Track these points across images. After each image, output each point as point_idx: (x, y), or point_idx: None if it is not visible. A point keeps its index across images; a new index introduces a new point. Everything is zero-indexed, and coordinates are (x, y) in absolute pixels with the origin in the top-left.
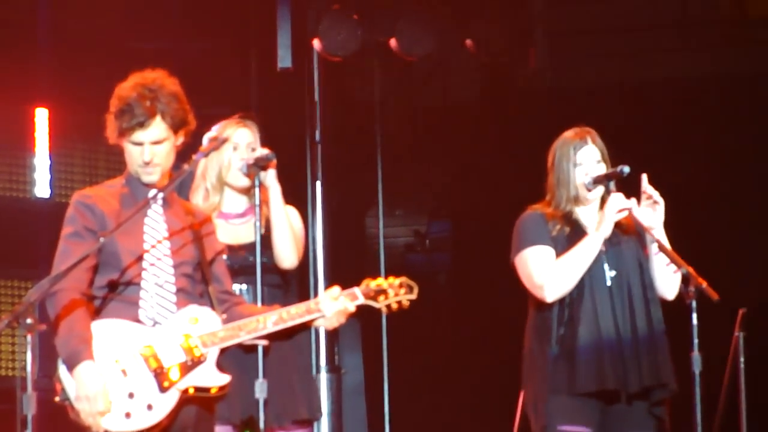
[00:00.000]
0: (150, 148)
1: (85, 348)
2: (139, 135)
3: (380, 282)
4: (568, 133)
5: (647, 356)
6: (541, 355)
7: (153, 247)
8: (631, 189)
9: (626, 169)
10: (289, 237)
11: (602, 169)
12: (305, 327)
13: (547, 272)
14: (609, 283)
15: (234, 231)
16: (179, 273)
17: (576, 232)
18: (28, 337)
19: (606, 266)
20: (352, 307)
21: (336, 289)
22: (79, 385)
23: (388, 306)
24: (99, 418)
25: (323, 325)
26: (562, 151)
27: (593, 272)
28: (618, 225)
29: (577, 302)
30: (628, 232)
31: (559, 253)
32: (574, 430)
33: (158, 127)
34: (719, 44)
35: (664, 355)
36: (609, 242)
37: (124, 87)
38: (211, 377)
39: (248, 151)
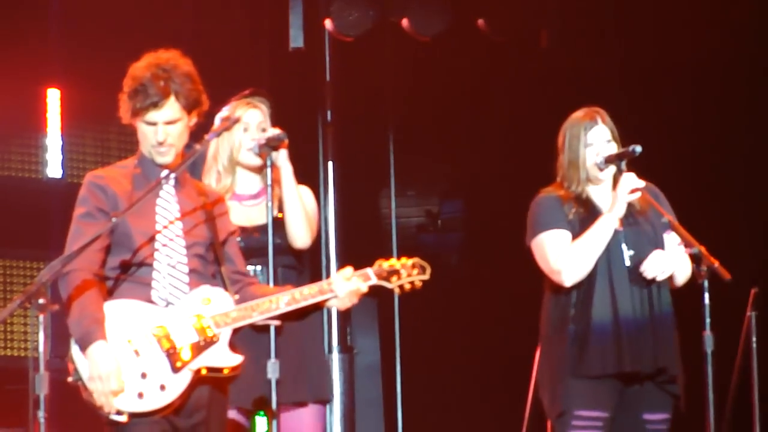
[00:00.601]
0: (164, 128)
1: (97, 328)
2: (153, 115)
3: (393, 262)
4: (578, 114)
5: (660, 337)
6: (558, 339)
7: (165, 227)
8: (643, 168)
9: (638, 148)
10: (302, 217)
11: (613, 148)
12: (318, 307)
13: (564, 256)
14: (628, 263)
15: (248, 212)
16: (191, 253)
17: (591, 214)
18: (41, 318)
19: (624, 246)
20: (364, 288)
21: (349, 270)
22: (91, 365)
23: (401, 286)
24: (112, 398)
25: (336, 306)
26: (572, 131)
27: (612, 252)
28: (633, 204)
29: (595, 283)
30: (644, 212)
31: (575, 236)
32: (591, 415)
33: (172, 108)
34: (731, 25)
35: (673, 336)
36: (626, 222)
37: (137, 67)
38: (224, 358)
39: (259, 132)
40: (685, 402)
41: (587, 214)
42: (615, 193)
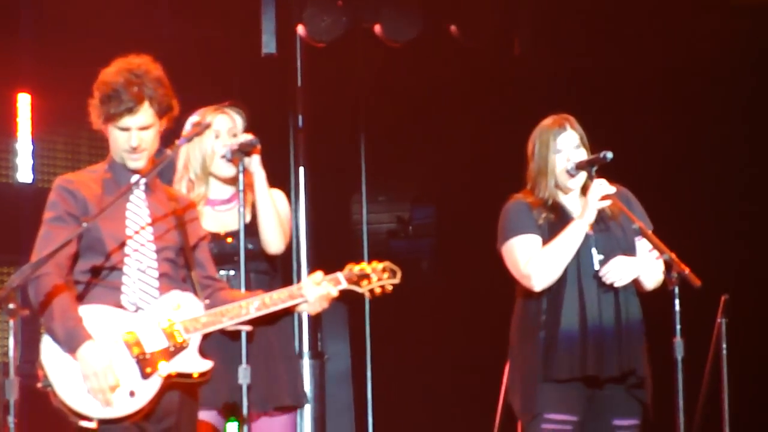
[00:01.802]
0: (137, 133)
1: (82, 329)
2: (126, 121)
3: (363, 266)
4: (546, 121)
5: (626, 341)
6: (528, 344)
7: (136, 232)
8: (614, 174)
9: (609, 154)
10: (276, 222)
11: (582, 154)
12: (288, 312)
13: (534, 261)
14: (597, 267)
15: (220, 218)
16: (162, 258)
17: (561, 219)
18: (11, 323)
19: (594, 250)
20: (335, 292)
21: (319, 274)
22: (83, 364)
23: (371, 291)
24: (110, 394)
25: (306, 311)
26: (541, 139)
27: (582, 257)
28: (605, 209)
29: (565, 288)
30: (615, 217)
31: (545, 241)
32: (561, 418)
33: (146, 113)
34: (702, 31)
35: (641, 341)
36: (597, 227)
37: (109, 72)
38: (194, 363)
39: (230, 138)
40: (653, 409)
41: (557, 219)
42: (586, 199)
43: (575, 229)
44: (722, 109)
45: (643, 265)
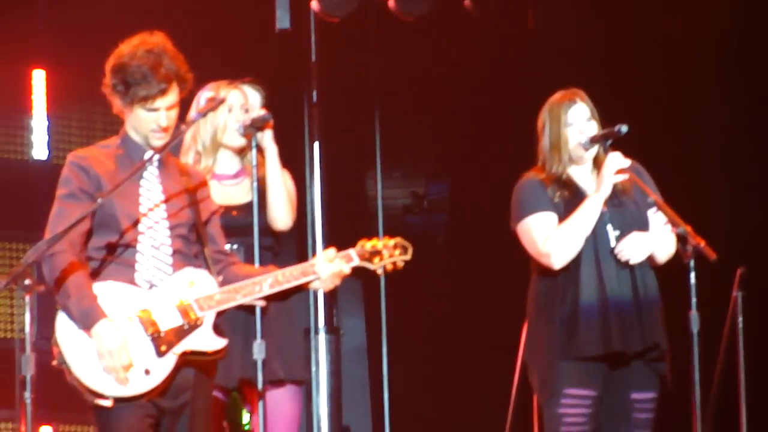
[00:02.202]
0: (165, 113)
1: (98, 306)
2: (158, 102)
3: (375, 243)
4: (556, 96)
5: (647, 316)
6: (546, 321)
7: (150, 210)
8: (628, 147)
9: (624, 128)
10: (285, 199)
11: (593, 127)
12: (300, 289)
13: (553, 240)
14: (613, 243)
15: (226, 192)
16: (175, 235)
17: (576, 196)
18: (27, 298)
19: (609, 226)
20: (347, 269)
21: (331, 251)
22: (98, 342)
23: (383, 267)
24: (123, 373)
25: (319, 288)
26: (551, 113)
27: (597, 233)
28: (618, 184)
29: (582, 265)
30: (628, 191)
31: (561, 219)
32: (580, 393)
33: (174, 93)
34: (723, 4)
35: (659, 315)
36: (611, 202)
37: (130, 54)
38: (208, 341)
39: (242, 113)
40: (671, 381)
41: (572, 196)
42: (601, 174)
43: (592, 205)
44: (737, 79)
45: (656, 239)
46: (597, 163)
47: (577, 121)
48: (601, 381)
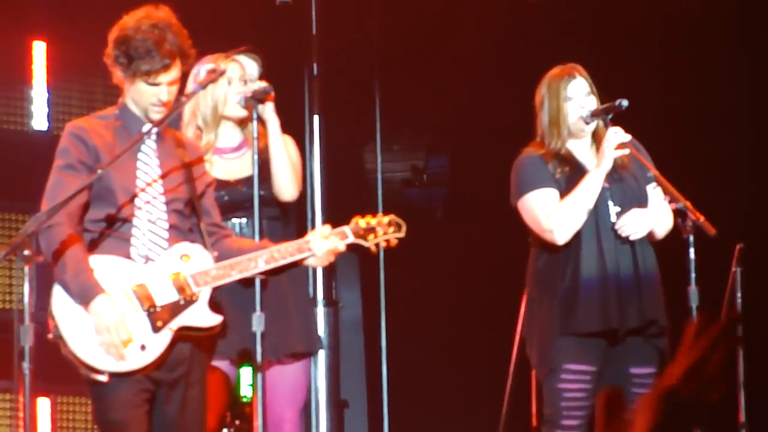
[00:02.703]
0: (167, 88)
1: (96, 282)
2: (161, 77)
3: (369, 220)
4: (554, 71)
5: (647, 292)
6: (546, 296)
7: (147, 184)
8: (627, 122)
9: (624, 102)
10: (289, 169)
11: (593, 101)
12: (295, 265)
13: (555, 215)
14: (614, 219)
15: (229, 165)
16: (171, 209)
17: (576, 171)
18: (26, 269)
19: (610, 202)
20: (342, 246)
21: (326, 228)
22: (97, 318)
23: (377, 244)
24: (122, 348)
25: (313, 264)
26: (550, 88)
27: (598, 209)
28: (617, 159)
29: (582, 240)
30: (627, 167)
31: (562, 194)
32: (580, 369)
33: (176, 69)
34: None
35: (659, 291)
36: (611, 178)
37: (133, 27)
38: (204, 317)
39: (241, 85)
40: (671, 357)
41: (572, 172)
42: (602, 149)
43: (593, 180)
44: (733, 57)
45: (655, 215)
46: (596, 138)
47: (576, 95)
48: (601, 356)
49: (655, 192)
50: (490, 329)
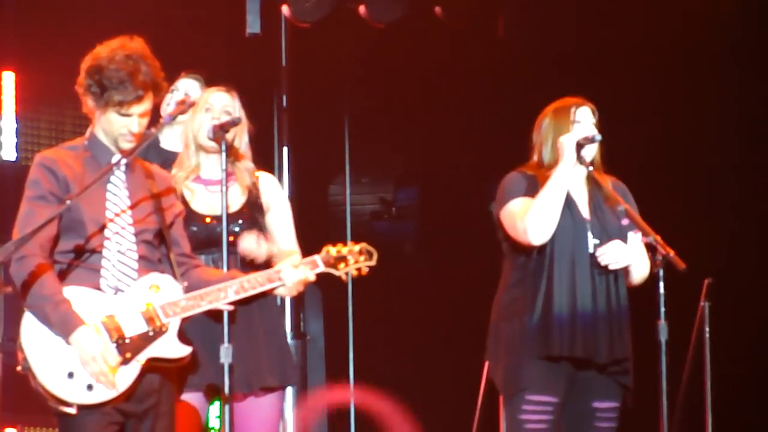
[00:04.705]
0: (137, 120)
1: (75, 313)
2: (133, 108)
3: (340, 248)
4: (561, 100)
5: (617, 329)
6: (513, 322)
7: (116, 215)
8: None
9: (598, 136)
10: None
11: (594, 131)
12: (265, 295)
13: (528, 215)
14: (591, 250)
15: (212, 199)
16: (140, 240)
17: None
18: None
19: (590, 234)
20: (312, 276)
21: (297, 257)
22: (81, 350)
23: (347, 273)
24: (111, 376)
25: (283, 294)
26: (558, 112)
27: (576, 239)
28: (602, 196)
29: (557, 268)
30: (612, 204)
31: None
32: (542, 399)
33: (149, 100)
34: (692, 11)
35: (628, 328)
36: (594, 213)
37: (106, 57)
38: (173, 348)
39: (222, 115)
40: (633, 395)
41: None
42: (560, 142)
43: (559, 175)
44: (711, 94)
45: (635, 256)
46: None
47: (584, 120)
48: (563, 388)
49: (635, 237)
50: (459, 362)
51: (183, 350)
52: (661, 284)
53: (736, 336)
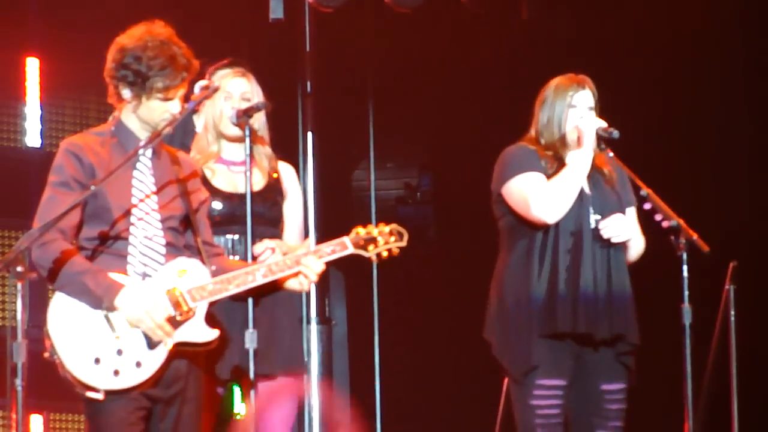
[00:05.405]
0: (179, 102)
1: (114, 279)
2: (180, 91)
3: (370, 230)
4: (564, 77)
5: (617, 305)
6: (519, 299)
7: (141, 201)
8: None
9: (616, 133)
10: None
11: (592, 116)
12: (276, 288)
13: (544, 196)
14: (593, 225)
15: (233, 178)
16: (166, 227)
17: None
18: (19, 285)
19: (591, 209)
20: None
21: (321, 246)
22: (130, 311)
23: (378, 254)
24: (168, 326)
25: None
26: (557, 91)
27: (579, 215)
28: (604, 172)
29: (560, 244)
30: (612, 182)
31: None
32: (551, 384)
33: (186, 82)
34: None
35: (630, 306)
36: (594, 187)
37: (143, 46)
38: (200, 332)
39: (241, 101)
40: (636, 375)
41: (561, 167)
42: (580, 129)
43: (579, 159)
44: (728, 73)
45: (635, 232)
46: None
47: (580, 104)
48: (571, 368)
49: (631, 213)
50: (484, 346)
51: (210, 334)
52: (685, 267)
53: (761, 320)
